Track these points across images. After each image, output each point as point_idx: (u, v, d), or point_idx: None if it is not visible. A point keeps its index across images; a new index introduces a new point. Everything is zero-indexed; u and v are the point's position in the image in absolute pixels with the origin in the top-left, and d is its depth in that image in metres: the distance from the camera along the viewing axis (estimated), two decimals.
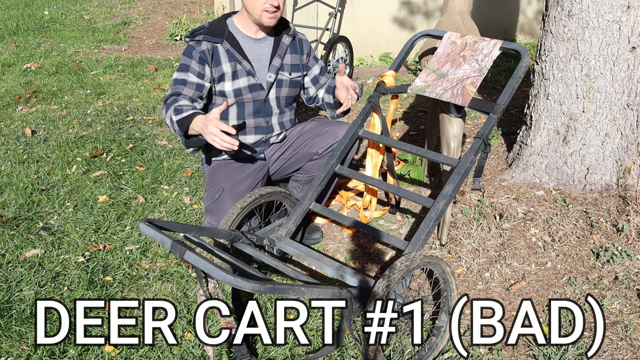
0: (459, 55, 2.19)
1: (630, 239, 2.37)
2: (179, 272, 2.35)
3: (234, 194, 2.27)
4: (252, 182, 2.35)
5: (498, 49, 2.13)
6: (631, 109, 2.57)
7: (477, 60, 2.14)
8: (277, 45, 2.36)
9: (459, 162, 2.00)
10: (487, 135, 2.03)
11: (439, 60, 2.23)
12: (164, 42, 6.75)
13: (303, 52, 2.44)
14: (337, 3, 5.06)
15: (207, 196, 2.31)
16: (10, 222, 2.74)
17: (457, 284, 1.83)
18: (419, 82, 2.21)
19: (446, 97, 2.10)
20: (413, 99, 4.38)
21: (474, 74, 2.11)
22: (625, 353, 1.86)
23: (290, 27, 2.41)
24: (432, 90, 2.15)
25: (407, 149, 2.15)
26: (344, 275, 1.83)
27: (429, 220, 1.89)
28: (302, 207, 2.16)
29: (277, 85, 2.38)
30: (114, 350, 1.92)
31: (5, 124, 4.08)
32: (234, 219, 2.08)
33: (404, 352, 1.90)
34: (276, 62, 2.34)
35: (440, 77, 2.17)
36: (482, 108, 2.08)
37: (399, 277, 1.62)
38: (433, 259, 1.73)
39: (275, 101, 2.39)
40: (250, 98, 2.33)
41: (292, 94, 2.45)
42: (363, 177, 2.18)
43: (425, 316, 1.81)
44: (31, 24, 7.61)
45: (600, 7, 2.46)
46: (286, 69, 2.38)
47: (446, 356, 1.86)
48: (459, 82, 2.11)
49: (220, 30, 2.29)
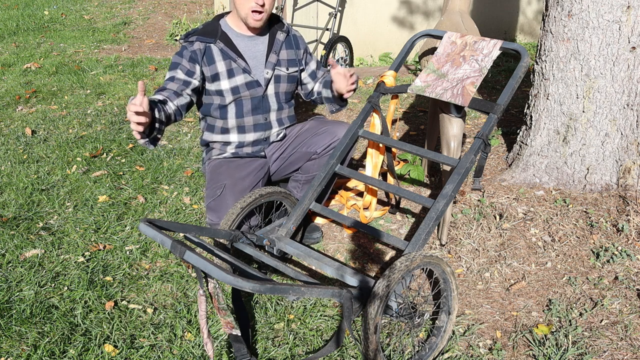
0: (459, 55, 2.19)
1: (630, 239, 2.37)
2: (179, 272, 2.35)
3: (235, 191, 2.27)
4: (254, 180, 2.35)
5: (498, 49, 2.13)
6: (631, 109, 2.57)
7: (477, 60, 2.14)
8: (272, 42, 2.37)
9: (459, 162, 2.00)
10: (487, 135, 2.03)
11: (439, 60, 2.23)
12: (164, 42, 6.75)
13: (299, 48, 2.45)
14: (337, 3, 5.06)
15: (208, 194, 2.32)
16: (10, 222, 2.74)
17: (457, 283, 1.83)
18: (419, 82, 2.21)
19: (446, 97, 2.11)
20: (413, 99, 4.38)
21: (474, 74, 2.11)
22: (625, 353, 1.86)
23: (284, 24, 2.43)
24: (432, 90, 2.16)
25: (407, 149, 2.15)
26: (344, 275, 1.83)
27: (429, 220, 1.89)
28: (302, 207, 2.16)
29: (275, 81, 2.38)
30: (114, 350, 1.92)
31: (5, 124, 4.08)
32: (234, 219, 2.08)
33: (404, 352, 1.90)
34: (272, 58, 2.35)
35: (440, 77, 2.18)
36: (482, 108, 2.08)
37: (399, 277, 1.62)
38: (433, 259, 1.73)
39: (274, 97, 2.40)
40: (247, 95, 2.34)
41: (290, 90, 2.46)
42: (363, 177, 2.18)
43: (425, 316, 1.81)
44: (31, 24, 7.61)
45: (600, 7, 2.46)
46: (283, 65, 2.39)
47: (446, 356, 1.86)
48: (459, 82, 2.11)
49: (213, 30, 2.31)
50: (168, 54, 6.15)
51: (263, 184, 2.42)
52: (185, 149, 3.56)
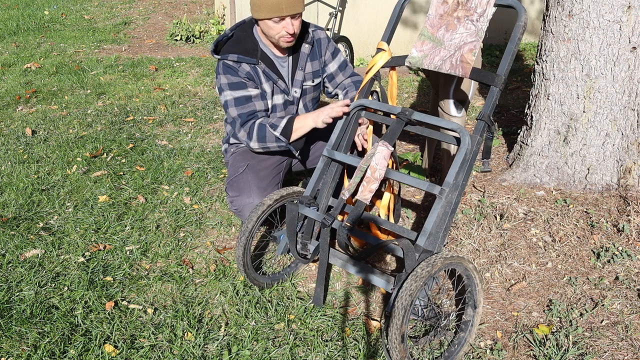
0: (452, 17, 2.07)
1: (630, 239, 2.37)
2: (179, 272, 2.35)
3: (256, 170, 2.31)
4: (275, 163, 2.39)
5: (492, 6, 1.99)
6: (632, 109, 2.57)
7: (472, 20, 2.03)
8: (297, 58, 2.34)
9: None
10: (489, 115, 1.89)
11: (432, 24, 2.11)
12: (164, 42, 6.75)
13: (322, 55, 2.42)
14: (338, 3, 5.06)
15: (230, 173, 2.36)
16: (10, 222, 2.74)
17: (480, 277, 1.82)
18: (415, 52, 2.10)
19: (445, 69, 2.01)
20: (413, 99, 4.38)
21: (471, 38, 2.00)
22: (626, 353, 1.86)
23: (309, 34, 2.36)
24: (430, 62, 2.05)
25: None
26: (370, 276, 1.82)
27: (445, 215, 1.81)
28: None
29: (303, 94, 2.40)
30: (114, 351, 1.91)
31: (6, 124, 4.07)
32: (265, 210, 2.08)
33: (433, 351, 1.90)
34: (299, 75, 2.35)
35: (436, 44, 2.08)
36: (482, 79, 1.95)
37: (422, 284, 1.61)
38: (454, 260, 1.71)
39: (303, 109, 2.44)
40: (284, 114, 2.36)
41: (316, 95, 2.49)
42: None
43: (451, 316, 1.82)
44: (31, 24, 7.61)
45: (600, 7, 2.46)
46: (309, 78, 2.39)
47: (461, 353, 1.86)
48: (457, 50, 2.02)
49: (253, 49, 2.25)
50: (168, 54, 6.15)
51: (285, 168, 2.46)
52: (186, 149, 3.56)
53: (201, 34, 6.74)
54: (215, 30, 6.75)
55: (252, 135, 2.21)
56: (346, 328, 2.01)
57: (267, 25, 2.14)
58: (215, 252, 2.48)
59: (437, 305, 1.79)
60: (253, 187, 2.27)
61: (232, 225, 2.69)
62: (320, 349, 1.91)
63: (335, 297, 2.19)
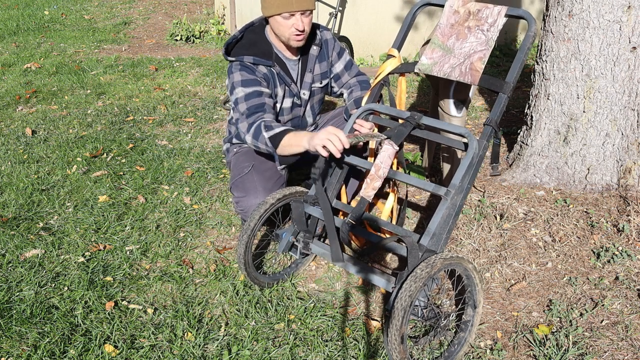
0: (463, 27, 2.08)
1: (630, 239, 2.37)
2: (179, 272, 2.35)
3: (262, 170, 2.32)
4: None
5: (503, 17, 2.02)
6: (632, 109, 2.57)
7: (483, 30, 2.05)
8: (306, 60, 2.34)
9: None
10: (497, 121, 1.90)
11: (443, 33, 2.14)
12: (165, 42, 6.75)
13: (329, 56, 2.42)
14: (338, 3, 5.06)
15: (234, 174, 2.36)
16: (10, 222, 2.74)
17: (480, 278, 1.82)
18: (425, 59, 2.13)
19: (454, 76, 2.04)
20: (413, 99, 4.38)
21: (481, 47, 2.02)
22: (626, 353, 1.86)
23: (317, 35, 2.36)
24: (439, 69, 2.08)
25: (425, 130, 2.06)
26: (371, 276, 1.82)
27: (448, 217, 1.82)
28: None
29: (311, 96, 2.41)
30: (114, 351, 1.91)
31: (6, 124, 4.07)
32: (267, 209, 2.07)
33: (433, 351, 1.90)
34: (307, 77, 2.35)
35: (446, 52, 2.09)
36: (491, 87, 1.97)
37: (421, 285, 1.61)
38: (454, 260, 1.72)
39: (310, 111, 2.44)
40: (290, 117, 2.37)
41: (322, 97, 2.49)
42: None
43: (451, 316, 1.82)
44: (31, 24, 7.61)
45: (600, 7, 2.46)
46: (317, 80, 2.39)
47: (461, 353, 1.86)
48: (467, 58, 2.04)
49: (268, 51, 2.25)
50: (168, 54, 6.14)
51: (287, 171, 2.47)
52: (186, 149, 3.56)
53: (201, 34, 6.73)
54: (215, 30, 6.75)
55: (251, 129, 2.17)
56: (346, 328, 2.01)
57: (277, 22, 2.14)
58: (215, 252, 2.48)
59: (437, 306, 1.79)
60: (259, 187, 2.27)
61: (232, 225, 2.69)
62: (320, 349, 1.91)
63: (335, 297, 2.19)
